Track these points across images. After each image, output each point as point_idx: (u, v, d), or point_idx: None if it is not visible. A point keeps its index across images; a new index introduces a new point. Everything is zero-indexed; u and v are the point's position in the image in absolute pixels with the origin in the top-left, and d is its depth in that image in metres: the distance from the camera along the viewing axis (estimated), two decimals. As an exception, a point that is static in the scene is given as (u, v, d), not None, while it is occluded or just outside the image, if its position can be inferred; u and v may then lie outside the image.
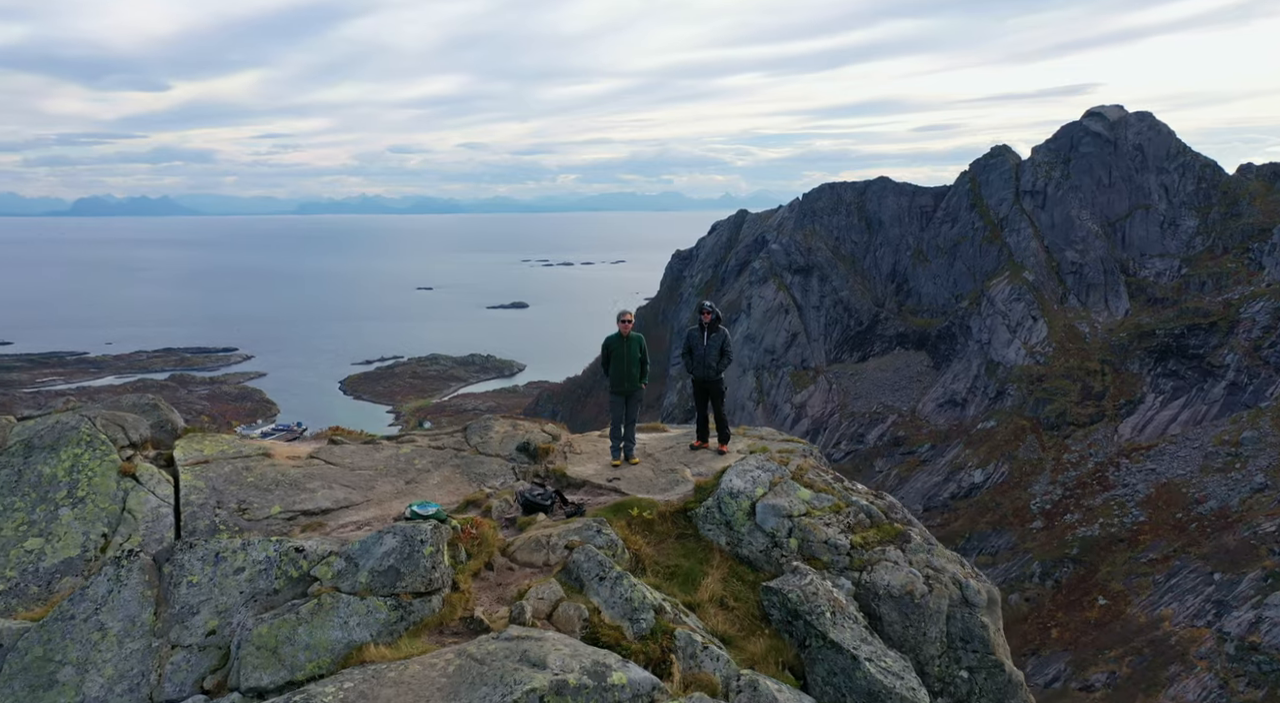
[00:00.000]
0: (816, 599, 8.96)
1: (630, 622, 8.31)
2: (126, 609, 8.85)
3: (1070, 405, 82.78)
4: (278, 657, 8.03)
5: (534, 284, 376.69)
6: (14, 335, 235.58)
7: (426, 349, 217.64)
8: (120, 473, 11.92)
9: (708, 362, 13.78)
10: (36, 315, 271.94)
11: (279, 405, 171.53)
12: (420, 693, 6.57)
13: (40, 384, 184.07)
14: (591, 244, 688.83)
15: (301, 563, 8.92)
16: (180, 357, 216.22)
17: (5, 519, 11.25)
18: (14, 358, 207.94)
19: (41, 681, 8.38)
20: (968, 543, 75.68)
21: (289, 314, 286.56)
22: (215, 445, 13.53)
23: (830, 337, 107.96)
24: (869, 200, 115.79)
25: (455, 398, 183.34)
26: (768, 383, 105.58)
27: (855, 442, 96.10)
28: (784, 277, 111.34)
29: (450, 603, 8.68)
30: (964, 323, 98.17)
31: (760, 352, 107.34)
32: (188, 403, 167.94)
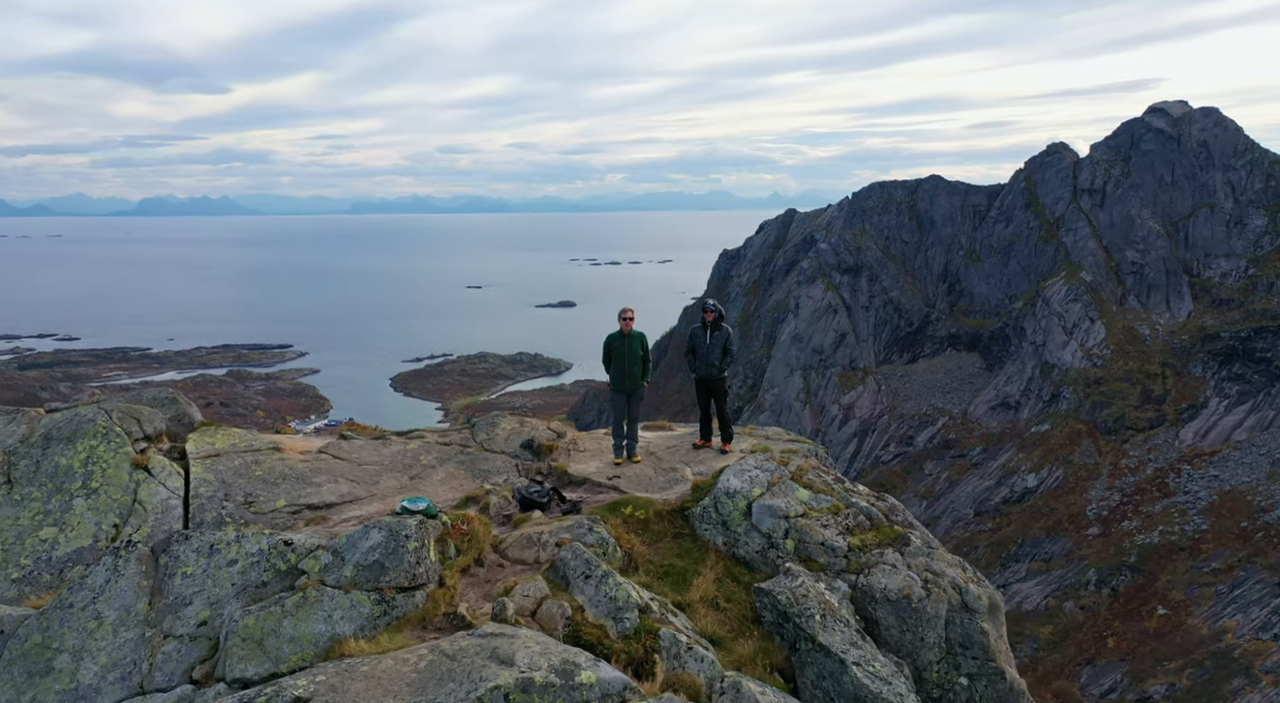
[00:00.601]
0: (806, 601, 8.82)
1: (614, 621, 8.25)
2: (122, 599, 8.95)
3: (1129, 409, 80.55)
4: (263, 649, 8.07)
5: (582, 283, 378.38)
6: (82, 331, 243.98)
7: (475, 347, 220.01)
8: (133, 465, 12.12)
9: (710, 360, 13.67)
10: (103, 312, 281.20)
11: (332, 402, 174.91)
12: (389, 687, 6.56)
13: (106, 378, 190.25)
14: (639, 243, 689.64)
15: (290, 556, 8.94)
16: (238, 353, 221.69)
17: (22, 509, 11.47)
18: (82, 353, 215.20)
19: (39, 667, 8.52)
20: (1020, 549, 74.12)
21: (342, 312, 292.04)
22: (227, 439, 13.73)
23: (879, 337, 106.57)
24: (920, 199, 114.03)
25: (503, 396, 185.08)
26: (815, 384, 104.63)
27: (904, 444, 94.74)
28: (833, 276, 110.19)
29: (434, 599, 8.67)
30: (1018, 324, 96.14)
31: (808, 352, 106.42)
32: (244, 398, 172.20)
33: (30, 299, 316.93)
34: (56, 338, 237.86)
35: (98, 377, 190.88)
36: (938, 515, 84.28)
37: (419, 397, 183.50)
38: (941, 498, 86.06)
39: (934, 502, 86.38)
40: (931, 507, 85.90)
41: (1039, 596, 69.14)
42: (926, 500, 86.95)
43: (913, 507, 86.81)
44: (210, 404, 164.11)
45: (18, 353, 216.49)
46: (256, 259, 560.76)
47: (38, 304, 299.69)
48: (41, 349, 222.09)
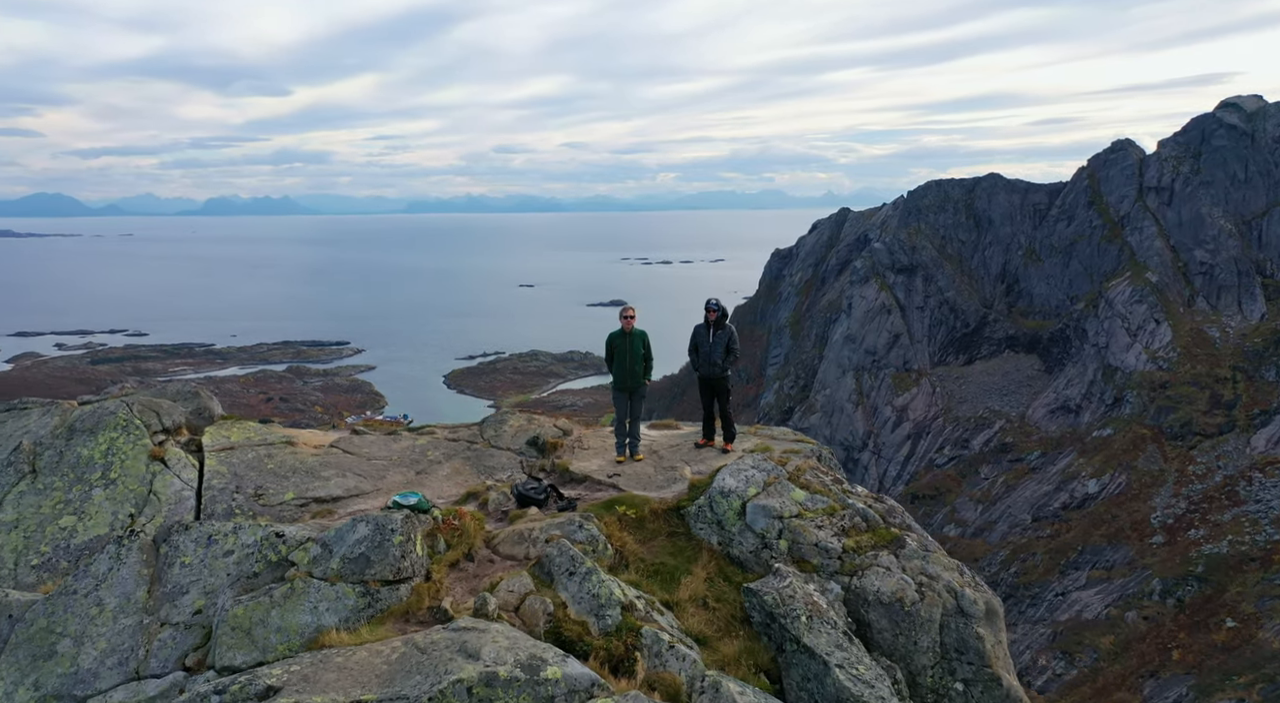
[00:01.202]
0: (793, 602, 8.72)
1: (596, 618, 8.25)
2: (123, 586, 9.17)
3: (1197, 414, 77.86)
4: (251, 638, 8.21)
5: (633, 282, 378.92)
6: (151, 327, 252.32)
7: (527, 345, 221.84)
8: (150, 457, 12.47)
9: (713, 359, 13.58)
10: (170, 309, 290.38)
11: (386, 398, 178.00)
12: (359, 679, 6.59)
13: (172, 373, 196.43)
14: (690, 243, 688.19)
15: (281, 548, 9.08)
16: (297, 349, 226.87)
17: (44, 498, 11.86)
18: (150, 348, 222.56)
19: (43, 651, 8.76)
20: (1080, 556, 72.21)
21: (398, 310, 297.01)
22: (242, 433, 14.03)
23: (934, 338, 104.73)
24: (978, 198, 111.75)
25: (554, 394, 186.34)
26: (868, 385, 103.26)
27: (959, 447, 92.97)
28: (886, 276, 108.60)
29: (419, 592, 8.72)
30: (1079, 326, 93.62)
31: (861, 353, 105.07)
32: (303, 394, 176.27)
33: (103, 296, 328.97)
34: (127, 334, 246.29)
35: (165, 371, 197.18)
36: (994, 520, 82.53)
37: (471, 394, 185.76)
38: (998, 503, 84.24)
39: (990, 506, 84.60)
40: (987, 511, 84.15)
41: (1099, 604, 67.26)
42: (982, 505, 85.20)
43: (967, 511, 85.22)
44: (270, 399, 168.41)
45: (90, 348, 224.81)
46: (316, 258, 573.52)
47: (110, 301, 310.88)
48: (113, 344, 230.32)
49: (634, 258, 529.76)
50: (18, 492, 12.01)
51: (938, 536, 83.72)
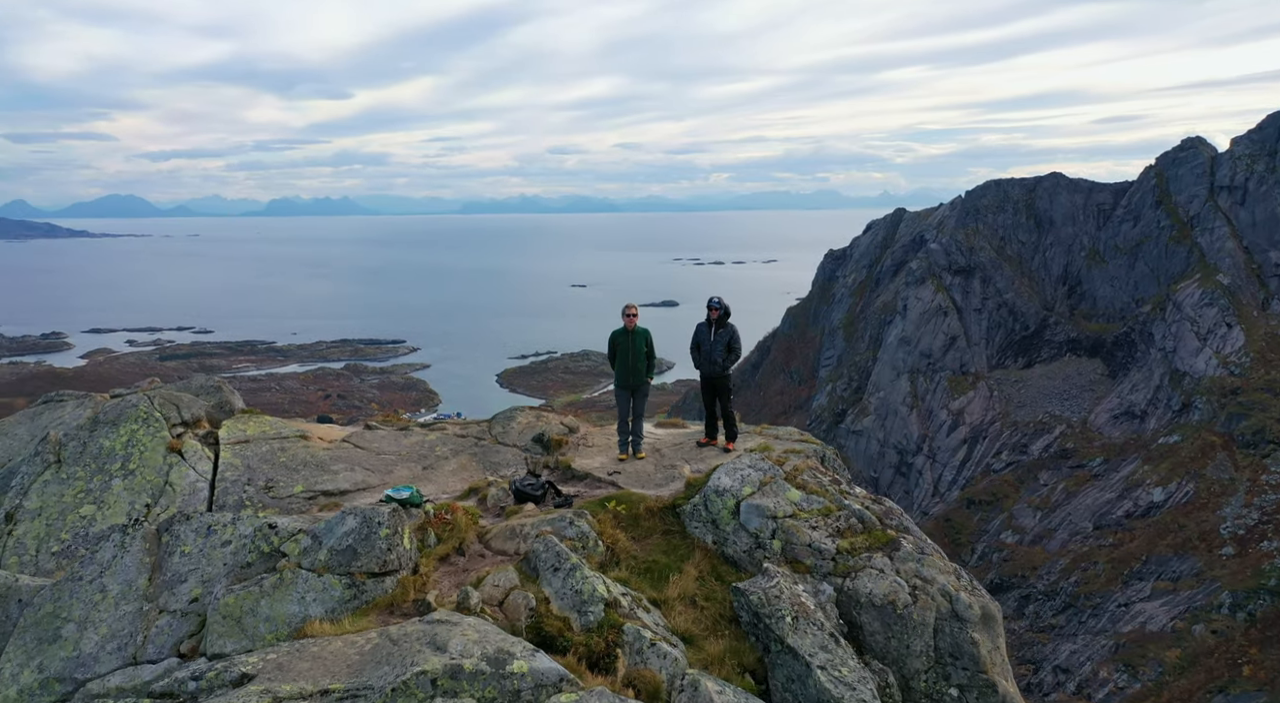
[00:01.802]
0: (779, 603, 8.62)
1: (579, 614, 8.25)
2: (126, 574, 9.37)
3: (1271, 422, 74.82)
4: (241, 627, 8.36)
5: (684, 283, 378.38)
6: (216, 324, 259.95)
7: (579, 345, 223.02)
8: (168, 449, 12.81)
9: (714, 357, 13.51)
10: (235, 307, 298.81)
11: (440, 396, 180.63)
12: (330, 668, 6.61)
13: (236, 370, 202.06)
14: (743, 243, 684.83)
15: (273, 539, 9.23)
16: (354, 347, 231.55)
17: (67, 487, 12.23)
18: (216, 345, 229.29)
19: (48, 635, 9.01)
20: (1144, 567, 69.98)
21: (452, 309, 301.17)
22: (258, 426, 14.31)
23: (992, 341, 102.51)
24: (1039, 197, 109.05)
25: (605, 393, 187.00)
26: (923, 388, 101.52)
27: (1018, 452, 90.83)
28: (943, 277, 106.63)
29: (404, 585, 8.79)
30: (1145, 329, 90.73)
31: (916, 355, 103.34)
32: (360, 391, 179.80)
33: (172, 294, 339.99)
34: (194, 331, 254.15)
35: (229, 368, 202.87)
36: (1053, 527, 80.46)
37: (524, 393, 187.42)
38: (1057, 510, 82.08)
39: (1049, 513, 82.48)
40: (1046, 518, 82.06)
41: (1164, 617, 65.08)
42: (1041, 512, 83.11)
43: (1026, 517, 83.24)
44: (329, 396, 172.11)
45: (159, 344, 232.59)
46: (373, 258, 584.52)
47: (178, 299, 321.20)
48: (180, 341, 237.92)
49: (686, 258, 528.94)
50: (43, 481, 12.41)
51: (994, 542, 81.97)
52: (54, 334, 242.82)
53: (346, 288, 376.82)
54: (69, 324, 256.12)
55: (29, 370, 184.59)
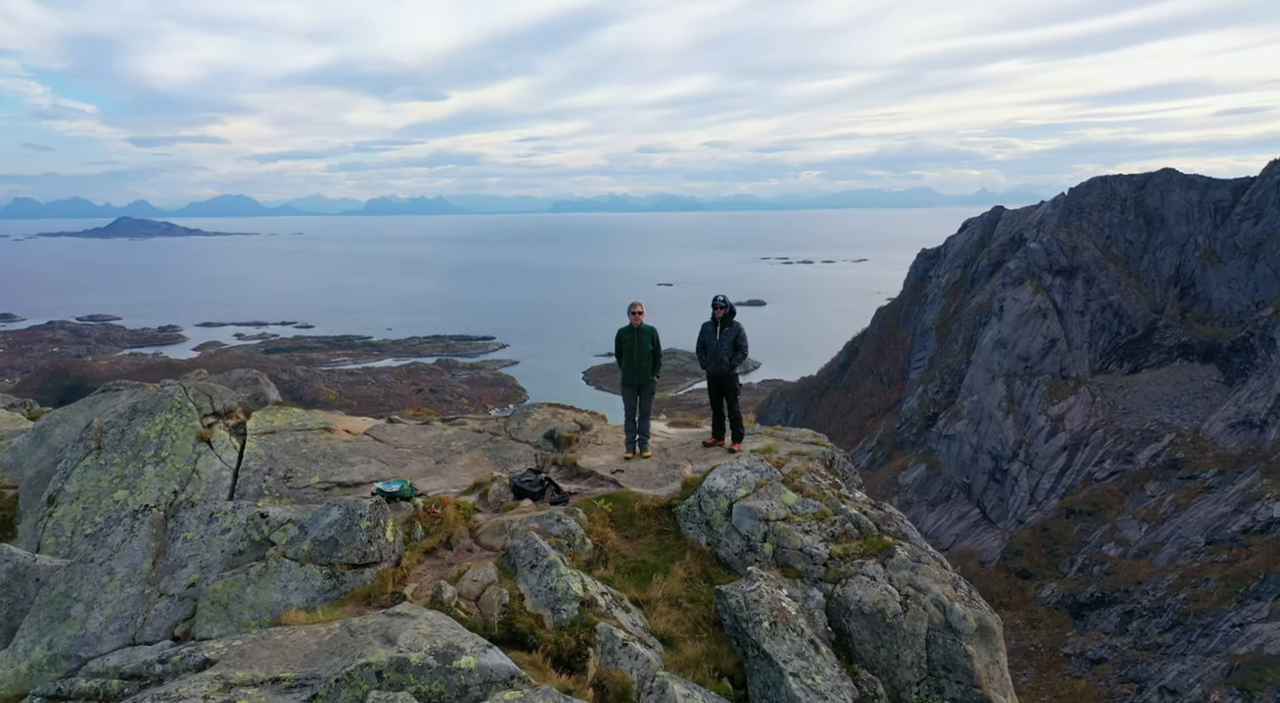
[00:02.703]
0: (757, 607, 8.40)
1: (552, 611, 8.18)
2: (132, 558, 9.67)
3: (1407, 436, 69.41)
4: (228, 613, 8.57)
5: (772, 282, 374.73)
6: (317, 320, 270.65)
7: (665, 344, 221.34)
8: (198, 438, 13.26)
9: (719, 357, 13.34)
10: (334, 303, 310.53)
11: (528, 392, 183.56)
12: (288, 657, 6.60)
13: (334, 363, 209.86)
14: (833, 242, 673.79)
15: (264, 528, 9.40)
16: (446, 343, 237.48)
17: (104, 472, 12.78)
18: (315, 340, 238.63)
19: (59, 614, 9.36)
20: (1262, 586, 65.84)
21: (541, 307, 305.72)
22: (285, 418, 14.65)
23: (1096, 345, 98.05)
24: (1149, 195, 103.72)
25: (690, 392, 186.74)
26: (1019, 392, 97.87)
27: (1122, 461, 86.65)
28: (1043, 278, 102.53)
29: (383, 577, 8.82)
30: (1266, 334, 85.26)
31: (1012, 358, 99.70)
32: (450, 386, 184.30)
33: (276, 290, 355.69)
34: (296, 326, 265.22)
35: (327, 361, 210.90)
36: (1160, 541, 76.46)
37: (610, 390, 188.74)
38: (1165, 522, 77.96)
39: (1156, 526, 78.42)
40: (1153, 531, 78.04)
41: (1283, 641, 61.09)
42: (1147, 524, 79.10)
43: (1130, 530, 79.37)
44: (420, 390, 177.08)
45: (264, 338, 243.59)
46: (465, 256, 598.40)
47: (282, 295, 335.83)
48: (284, 335, 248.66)
49: (774, 257, 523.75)
50: (83, 466, 13.03)
51: (1096, 555, 78.43)
52: (170, 327, 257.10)
53: (439, 285, 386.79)
54: (184, 318, 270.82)
55: (147, 361, 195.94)
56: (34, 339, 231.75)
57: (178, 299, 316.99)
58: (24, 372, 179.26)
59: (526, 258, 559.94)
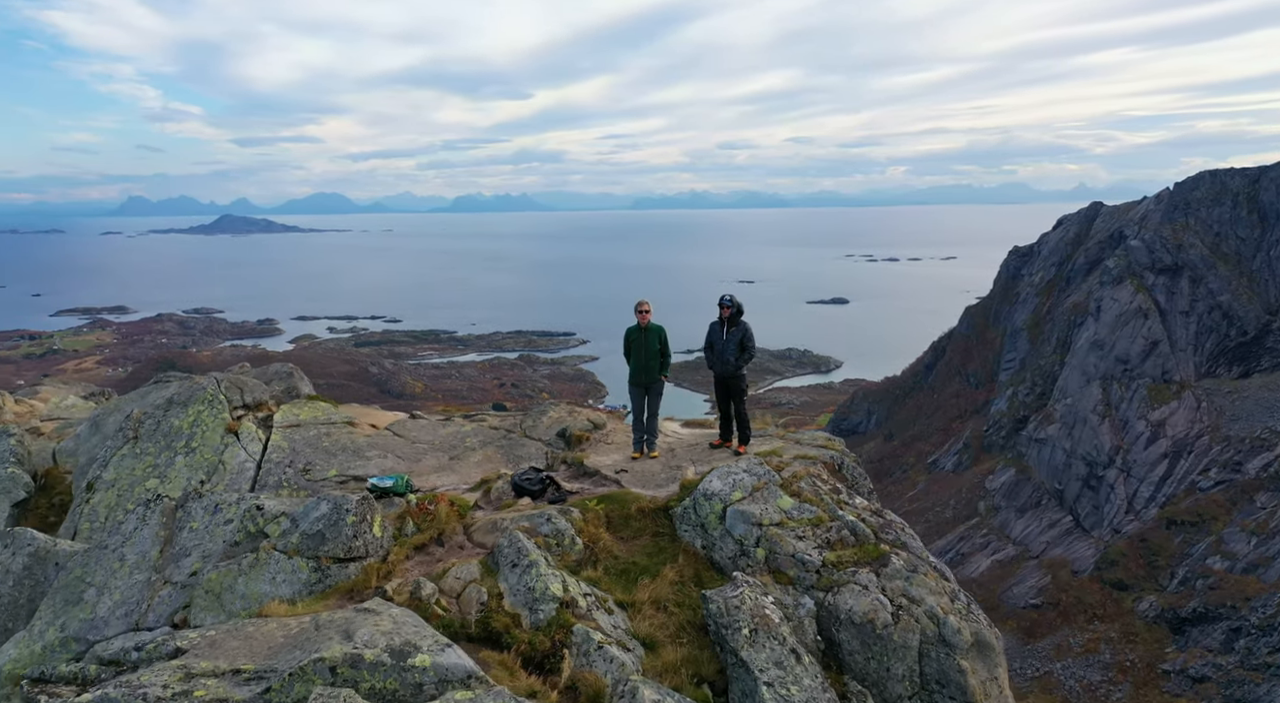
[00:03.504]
0: (737, 614, 8.19)
1: (529, 611, 8.11)
2: (142, 545, 9.92)
3: None
4: (220, 602, 8.71)
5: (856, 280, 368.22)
6: (405, 314, 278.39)
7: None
8: (226, 430, 13.57)
9: (726, 357, 13.06)
10: (421, 298, 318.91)
11: (607, 388, 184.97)
12: (253, 649, 6.56)
13: (420, 357, 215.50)
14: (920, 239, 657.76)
15: (259, 520, 9.51)
16: (528, 339, 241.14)
17: (138, 461, 13.20)
18: (403, 334, 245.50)
19: (73, 597, 9.66)
20: (1383, 609, 61.54)
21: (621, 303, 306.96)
22: (311, 411, 14.88)
23: (1202, 347, 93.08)
24: (1264, 189, 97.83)
25: (770, 391, 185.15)
26: (1117, 396, 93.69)
27: (1230, 470, 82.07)
28: (1144, 277, 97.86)
29: (368, 571, 8.81)
30: (1394, 338, 79.56)
31: (1110, 360, 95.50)
32: (531, 381, 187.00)
33: (367, 285, 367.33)
34: (385, 320, 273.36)
35: (414, 355, 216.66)
36: (1271, 555, 72.19)
37: (688, 388, 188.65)
38: (1277, 536, 73.55)
39: (1267, 539, 74.05)
40: (1264, 545, 73.72)
41: None
42: (1257, 537, 74.75)
43: (1238, 542, 75.21)
44: (503, 385, 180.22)
45: (355, 332, 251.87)
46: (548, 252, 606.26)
47: (372, 290, 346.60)
48: (373, 329, 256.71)
49: (858, 255, 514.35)
50: (120, 455, 13.54)
51: (1199, 568, 74.56)
52: (268, 321, 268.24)
53: (522, 281, 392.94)
54: (281, 311, 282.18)
55: (246, 353, 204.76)
56: (144, 331, 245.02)
57: (275, 293, 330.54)
58: (135, 361, 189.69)
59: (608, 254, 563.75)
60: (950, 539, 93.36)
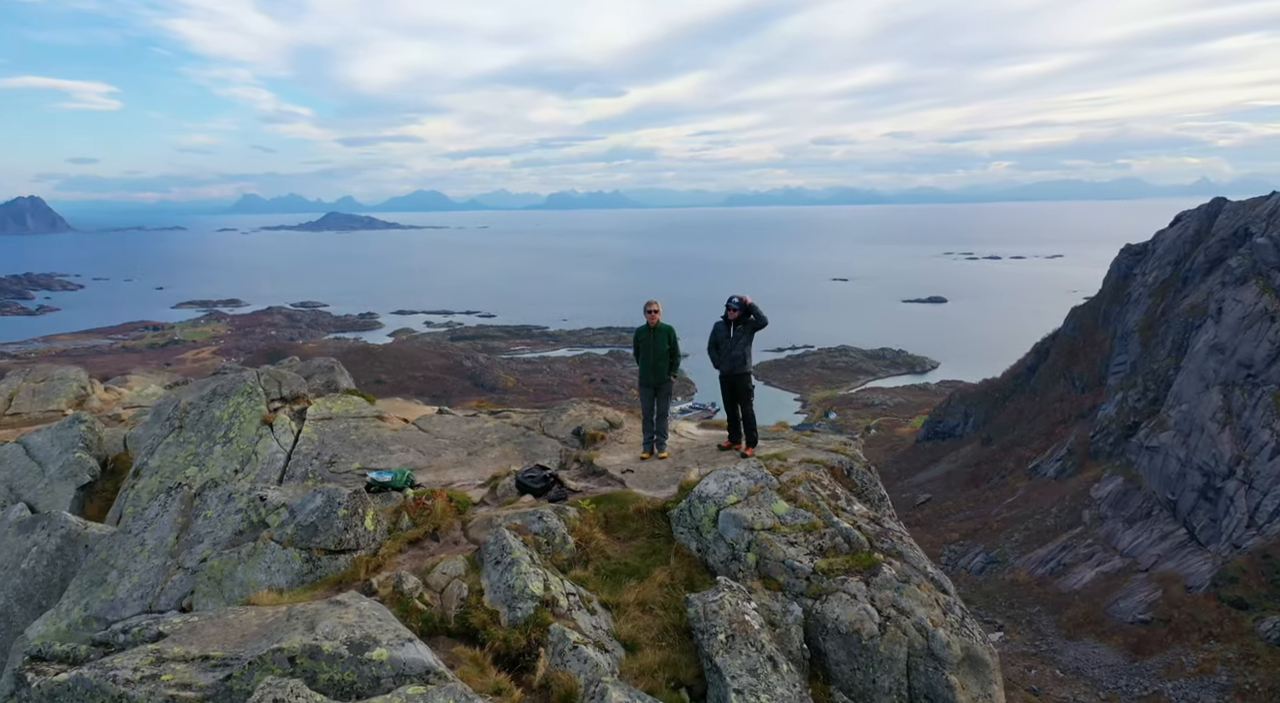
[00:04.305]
0: (715, 618, 8.06)
1: (508, 608, 8.11)
2: (161, 531, 10.27)
3: None
4: (220, 589, 9.00)
5: (955, 279, 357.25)
6: (498, 309, 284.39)
7: (836, 340, 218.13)
8: (262, 421, 13.92)
9: (733, 354, 13.04)
10: (515, 293, 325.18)
11: (696, 385, 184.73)
12: (227, 636, 6.57)
13: (513, 351, 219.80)
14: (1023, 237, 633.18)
15: (261, 511, 9.75)
16: (618, 335, 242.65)
17: (181, 449, 13.69)
18: (497, 328, 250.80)
19: (98, 579, 10.03)
20: None
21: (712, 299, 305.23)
22: (344, 405, 15.16)
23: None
24: None
25: (862, 391, 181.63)
26: (1239, 403, 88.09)
27: (1365, 487, 76.20)
28: (1271, 277, 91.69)
29: (356, 564, 8.96)
30: None
31: (1231, 365, 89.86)
32: (621, 377, 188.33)
33: (462, 281, 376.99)
34: (479, 315, 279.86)
35: (506, 350, 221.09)
36: None
37: (778, 386, 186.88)
38: None
39: (1406, 563, 68.50)
40: (1402, 569, 68.22)
41: None
42: (1394, 560, 69.22)
43: (1372, 566, 69.82)
44: (593, 380, 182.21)
45: (451, 327, 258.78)
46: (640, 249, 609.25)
47: (468, 285, 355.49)
48: (468, 324, 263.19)
49: (958, 253, 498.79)
50: (165, 443, 14.15)
51: (1327, 590, 69.55)
52: (369, 314, 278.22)
53: (614, 278, 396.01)
54: (381, 306, 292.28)
55: (348, 345, 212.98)
56: (255, 323, 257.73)
57: (376, 288, 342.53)
58: (247, 352, 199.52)
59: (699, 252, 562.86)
60: (1051, 548, 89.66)
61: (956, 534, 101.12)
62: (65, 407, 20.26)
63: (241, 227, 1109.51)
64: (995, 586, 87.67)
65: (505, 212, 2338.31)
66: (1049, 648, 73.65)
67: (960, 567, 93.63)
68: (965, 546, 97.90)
